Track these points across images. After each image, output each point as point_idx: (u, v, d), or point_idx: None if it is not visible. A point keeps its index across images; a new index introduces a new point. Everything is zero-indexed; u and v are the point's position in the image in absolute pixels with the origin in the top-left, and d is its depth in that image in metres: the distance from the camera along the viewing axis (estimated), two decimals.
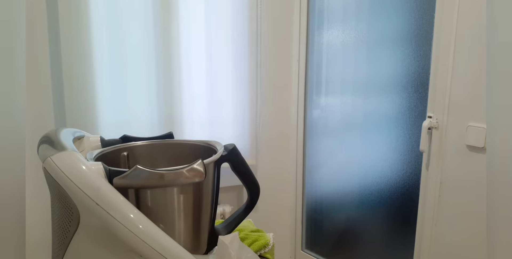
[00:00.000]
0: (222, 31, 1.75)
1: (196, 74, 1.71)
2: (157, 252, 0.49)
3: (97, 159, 0.63)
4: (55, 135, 0.60)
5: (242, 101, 1.84)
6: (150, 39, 1.60)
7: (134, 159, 0.73)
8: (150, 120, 1.65)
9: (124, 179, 0.52)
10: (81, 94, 1.50)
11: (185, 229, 0.62)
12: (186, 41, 1.66)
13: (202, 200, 0.64)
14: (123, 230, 0.48)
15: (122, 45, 1.56)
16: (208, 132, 1.78)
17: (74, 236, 0.51)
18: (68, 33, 1.45)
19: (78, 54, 1.47)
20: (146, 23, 1.59)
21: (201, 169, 0.54)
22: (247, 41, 1.81)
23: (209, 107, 1.77)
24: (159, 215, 0.57)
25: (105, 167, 0.52)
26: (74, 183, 0.48)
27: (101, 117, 1.55)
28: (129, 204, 0.50)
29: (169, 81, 1.65)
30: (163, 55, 1.63)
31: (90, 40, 1.49)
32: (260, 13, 1.84)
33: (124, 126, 1.59)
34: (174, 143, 0.78)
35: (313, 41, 1.95)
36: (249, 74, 1.84)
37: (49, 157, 0.50)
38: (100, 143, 0.74)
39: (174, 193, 0.59)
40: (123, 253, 0.50)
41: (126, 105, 1.60)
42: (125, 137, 0.77)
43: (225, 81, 1.79)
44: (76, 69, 1.48)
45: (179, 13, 1.63)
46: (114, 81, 1.56)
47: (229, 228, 0.72)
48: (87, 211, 0.49)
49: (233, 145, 0.69)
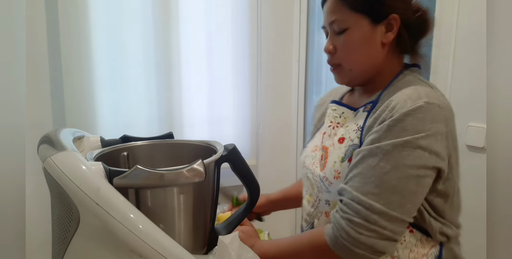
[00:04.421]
0: (222, 31, 1.75)
1: (196, 74, 1.71)
2: (157, 252, 0.49)
3: (97, 159, 0.63)
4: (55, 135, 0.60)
5: (242, 101, 1.84)
6: (150, 38, 1.60)
7: (134, 159, 0.73)
8: (150, 120, 1.65)
9: (124, 179, 0.52)
10: (80, 94, 1.50)
11: (185, 229, 0.62)
12: (186, 41, 1.66)
13: (202, 200, 0.64)
14: (123, 230, 0.48)
15: (121, 45, 1.56)
16: (208, 132, 1.78)
17: (74, 236, 0.51)
18: (68, 34, 1.45)
19: (77, 54, 1.47)
20: (146, 23, 1.58)
21: (201, 169, 0.54)
22: (247, 41, 1.81)
23: (209, 107, 1.77)
24: (159, 215, 0.57)
25: (105, 167, 0.52)
26: (74, 183, 0.48)
27: (100, 117, 1.55)
28: (129, 204, 0.50)
29: (169, 81, 1.65)
30: (163, 55, 1.63)
31: (90, 40, 1.49)
32: (260, 13, 1.84)
33: (123, 126, 1.59)
34: (174, 143, 0.78)
35: (313, 41, 1.96)
36: (249, 74, 1.84)
37: (49, 157, 0.50)
38: (100, 143, 0.74)
39: (174, 193, 0.59)
40: (123, 253, 0.50)
41: (125, 105, 1.60)
42: (125, 137, 0.77)
43: (225, 81, 1.79)
44: (75, 69, 1.48)
45: (179, 13, 1.63)
46: (114, 81, 1.56)
47: (229, 228, 0.72)
48: (87, 211, 0.49)
49: (233, 145, 0.69)
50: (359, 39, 0.77)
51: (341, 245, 0.69)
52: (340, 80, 0.84)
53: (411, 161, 0.67)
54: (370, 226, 0.67)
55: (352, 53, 0.79)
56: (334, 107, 0.88)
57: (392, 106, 0.69)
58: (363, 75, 0.81)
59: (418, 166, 0.67)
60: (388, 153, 0.67)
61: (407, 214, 0.69)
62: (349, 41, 0.77)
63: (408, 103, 0.68)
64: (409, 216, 0.69)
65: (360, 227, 0.67)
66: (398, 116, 0.67)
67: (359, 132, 0.76)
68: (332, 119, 0.86)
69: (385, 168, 0.67)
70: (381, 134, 0.69)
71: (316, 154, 0.88)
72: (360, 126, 0.77)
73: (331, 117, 0.87)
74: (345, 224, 0.69)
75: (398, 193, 0.67)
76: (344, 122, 0.84)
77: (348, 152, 0.76)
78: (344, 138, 0.80)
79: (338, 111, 0.86)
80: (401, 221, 0.68)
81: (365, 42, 0.78)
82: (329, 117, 0.88)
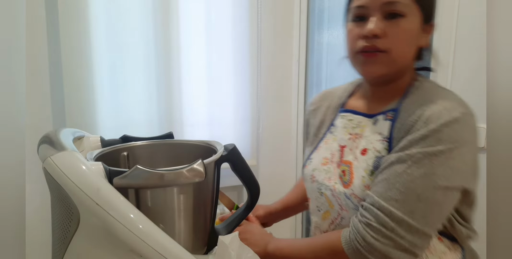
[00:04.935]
0: (222, 31, 1.74)
1: (196, 74, 1.71)
2: (157, 252, 0.49)
3: (97, 159, 0.63)
4: (55, 135, 0.60)
5: (242, 101, 1.84)
6: (150, 38, 1.60)
7: (134, 159, 0.73)
8: (150, 120, 1.65)
9: (124, 179, 0.52)
10: (81, 94, 1.50)
11: (185, 229, 0.62)
12: (186, 41, 1.66)
13: (202, 200, 0.64)
14: (123, 230, 0.48)
15: (121, 45, 1.56)
16: (208, 132, 1.78)
17: (74, 236, 0.51)
18: (68, 33, 1.45)
19: (77, 54, 1.47)
20: (146, 23, 1.58)
21: (201, 169, 0.54)
22: (247, 41, 1.81)
23: (209, 107, 1.77)
24: (159, 215, 0.57)
25: (105, 167, 0.52)
26: (74, 183, 0.48)
27: (100, 117, 1.55)
28: (129, 204, 0.50)
29: (169, 81, 1.65)
30: (163, 55, 1.63)
31: (90, 40, 1.49)
32: (260, 13, 1.84)
33: (123, 126, 1.59)
34: (174, 143, 0.78)
35: (313, 41, 1.96)
36: (249, 74, 1.84)
37: (49, 157, 0.50)
38: (100, 143, 0.74)
39: (174, 193, 0.59)
40: (123, 253, 0.50)
41: (125, 105, 1.60)
42: (125, 137, 0.77)
43: (225, 81, 1.79)
44: (75, 69, 1.48)
45: (179, 13, 1.63)
46: (114, 81, 1.56)
47: (229, 228, 0.72)
48: (87, 211, 0.49)
49: (233, 145, 0.69)
50: (412, 31, 0.71)
51: (355, 249, 0.67)
52: (375, 69, 0.73)
53: (442, 171, 0.63)
54: (387, 233, 0.64)
55: (404, 42, 0.71)
56: (350, 117, 0.81)
57: (426, 117, 0.66)
58: (399, 70, 0.74)
59: (448, 177, 0.64)
60: (418, 161, 0.64)
61: (429, 226, 0.65)
62: (406, 29, 0.70)
63: (444, 114, 0.65)
64: (432, 229, 0.66)
65: (377, 233, 0.64)
66: (435, 126, 0.64)
67: (386, 143, 0.71)
68: (350, 131, 0.80)
69: (413, 176, 0.64)
70: (412, 142, 0.66)
71: (329, 168, 0.81)
72: (385, 137, 0.72)
73: (349, 129, 0.80)
74: (362, 228, 0.66)
75: (422, 202, 0.63)
76: (362, 132, 0.77)
77: (376, 164, 0.71)
78: (367, 149, 0.74)
79: (354, 121, 0.80)
80: (422, 234, 0.64)
81: (414, 37, 0.72)
82: (346, 128, 0.81)
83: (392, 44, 0.70)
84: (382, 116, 0.75)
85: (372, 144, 0.73)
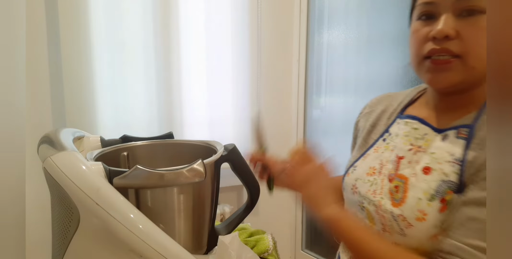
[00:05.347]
0: (222, 31, 1.74)
1: (196, 74, 1.71)
2: (157, 252, 0.49)
3: (97, 159, 0.64)
4: (55, 135, 0.60)
5: (242, 101, 1.84)
6: (150, 38, 1.60)
7: (134, 159, 0.74)
8: (150, 120, 1.65)
9: (124, 179, 0.52)
10: (81, 94, 1.50)
11: (185, 229, 0.62)
12: (186, 41, 1.66)
13: (202, 200, 0.64)
14: (123, 230, 0.48)
15: (121, 45, 1.56)
16: (208, 132, 1.78)
17: (74, 236, 0.51)
18: (68, 34, 1.45)
19: (77, 54, 1.47)
20: (146, 23, 1.58)
21: (201, 169, 0.54)
22: (247, 41, 1.81)
23: (209, 107, 1.77)
24: (159, 215, 0.57)
25: (105, 167, 0.52)
26: (74, 183, 0.48)
27: (100, 117, 1.55)
28: (129, 204, 0.50)
29: (169, 81, 1.65)
30: (163, 55, 1.63)
31: (90, 41, 1.48)
32: (260, 13, 1.84)
33: (124, 126, 1.59)
34: (174, 143, 0.78)
35: (313, 41, 1.95)
36: (249, 74, 1.84)
37: (49, 157, 0.50)
38: (100, 143, 0.74)
39: (174, 193, 0.59)
40: (123, 253, 0.50)
41: (126, 105, 1.60)
42: (125, 137, 0.77)
43: (225, 81, 1.79)
44: (76, 69, 1.48)
45: (179, 13, 1.63)
46: (114, 81, 1.56)
47: (229, 228, 0.72)
48: (87, 211, 0.49)
49: (233, 145, 0.69)
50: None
51: None
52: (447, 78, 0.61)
53: None
54: None
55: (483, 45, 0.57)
56: (416, 126, 0.69)
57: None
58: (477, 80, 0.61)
59: None
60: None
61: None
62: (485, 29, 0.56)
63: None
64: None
65: None
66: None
67: (458, 166, 0.59)
68: (412, 141, 0.68)
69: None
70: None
71: (376, 180, 0.69)
72: (457, 159, 0.60)
73: (412, 139, 0.68)
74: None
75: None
76: (427, 147, 0.65)
77: (441, 189, 0.59)
78: (431, 168, 0.62)
79: (420, 131, 0.68)
80: None
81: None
82: (408, 137, 0.69)
83: (468, 47, 0.58)
84: (453, 131, 0.63)
85: (440, 165, 0.62)
